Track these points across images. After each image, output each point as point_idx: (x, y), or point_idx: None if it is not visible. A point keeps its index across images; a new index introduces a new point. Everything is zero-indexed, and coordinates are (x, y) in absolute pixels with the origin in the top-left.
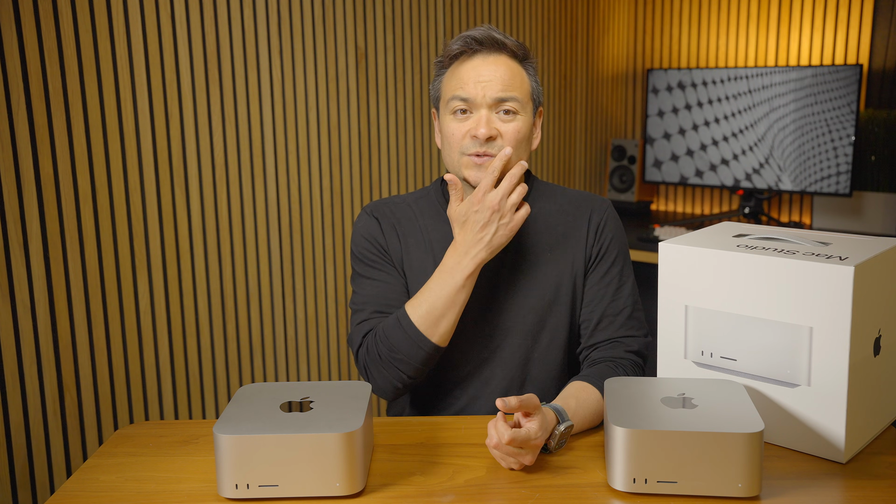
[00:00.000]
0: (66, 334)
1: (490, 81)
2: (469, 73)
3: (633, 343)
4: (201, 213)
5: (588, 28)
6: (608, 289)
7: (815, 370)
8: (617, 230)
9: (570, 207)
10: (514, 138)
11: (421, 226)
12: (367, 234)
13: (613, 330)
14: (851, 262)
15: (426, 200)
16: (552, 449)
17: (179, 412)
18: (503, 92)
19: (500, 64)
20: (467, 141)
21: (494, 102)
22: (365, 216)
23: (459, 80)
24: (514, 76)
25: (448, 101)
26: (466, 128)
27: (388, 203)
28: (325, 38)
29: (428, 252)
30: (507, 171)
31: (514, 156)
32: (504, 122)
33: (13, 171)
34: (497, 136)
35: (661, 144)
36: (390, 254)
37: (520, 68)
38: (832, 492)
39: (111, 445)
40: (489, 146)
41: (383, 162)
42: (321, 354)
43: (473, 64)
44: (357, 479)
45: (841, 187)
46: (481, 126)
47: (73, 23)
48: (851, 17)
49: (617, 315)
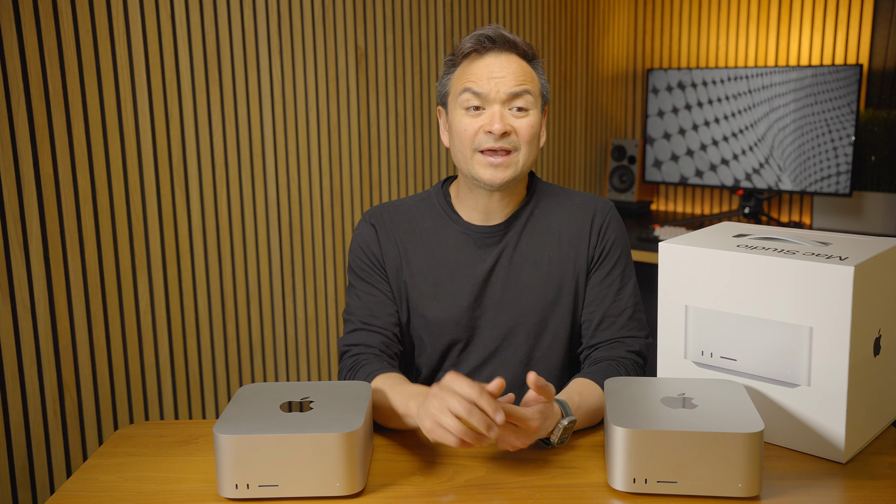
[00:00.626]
0: (66, 334)
1: (503, 77)
2: (482, 69)
3: (634, 343)
4: (201, 213)
5: (588, 28)
6: (610, 289)
7: (815, 370)
8: (619, 232)
9: (573, 208)
10: (528, 133)
11: (421, 230)
12: (362, 244)
13: (615, 330)
14: (851, 262)
15: (427, 203)
16: (554, 443)
17: (179, 412)
18: (516, 87)
19: (512, 61)
20: (481, 136)
21: (508, 98)
22: (363, 224)
23: (472, 76)
24: (525, 73)
25: (458, 96)
26: (479, 123)
27: (388, 208)
28: (325, 38)
29: (428, 256)
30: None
31: (530, 149)
32: (517, 119)
33: (13, 171)
34: (511, 132)
35: (661, 144)
36: (385, 264)
37: (529, 67)
38: (832, 492)
39: (111, 445)
40: (504, 141)
41: (383, 162)
42: (321, 354)
43: (486, 61)
44: (357, 479)
45: (841, 187)
46: (496, 121)
47: (73, 23)
48: (851, 17)
49: (618, 316)
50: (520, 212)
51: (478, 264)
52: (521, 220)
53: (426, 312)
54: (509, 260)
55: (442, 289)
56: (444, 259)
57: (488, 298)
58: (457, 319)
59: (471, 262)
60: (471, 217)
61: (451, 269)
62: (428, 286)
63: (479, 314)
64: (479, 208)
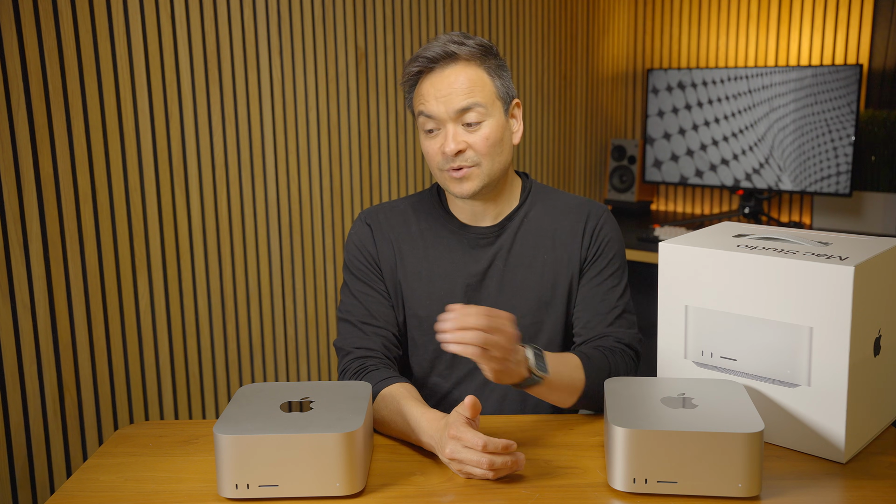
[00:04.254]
0: (66, 334)
1: (448, 95)
2: (428, 89)
3: (623, 336)
4: (201, 213)
5: (588, 28)
6: (599, 289)
7: (815, 370)
8: (613, 234)
9: (567, 211)
10: (484, 146)
11: (416, 230)
12: (358, 243)
13: (603, 327)
14: (851, 262)
15: (422, 204)
16: (536, 372)
17: (179, 412)
18: (462, 101)
19: (458, 74)
20: (440, 158)
21: (457, 114)
22: (358, 224)
23: (421, 98)
24: (472, 83)
25: (418, 118)
26: (437, 145)
27: (383, 208)
28: (325, 38)
29: (423, 256)
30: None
31: (493, 157)
32: (471, 133)
33: (13, 171)
34: (466, 148)
35: (661, 144)
36: (380, 263)
37: (479, 71)
38: (832, 492)
39: (111, 445)
40: (460, 159)
41: (383, 162)
42: (321, 354)
43: (431, 80)
44: (357, 479)
45: (841, 187)
46: (449, 142)
47: (73, 23)
48: (851, 17)
49: (607, 314)
50: (514, 214)
51: (472, 265)
52: (515, 221)
53: (420, 312)
54: (504, 261)
55: (436, 289)
56: (438, 259)
57: (483, 300)
58: None
59: (465, 263)
60: (464, 218)
61: (445, 270)
62: (422, 286)
63: None
64: (465, 212)
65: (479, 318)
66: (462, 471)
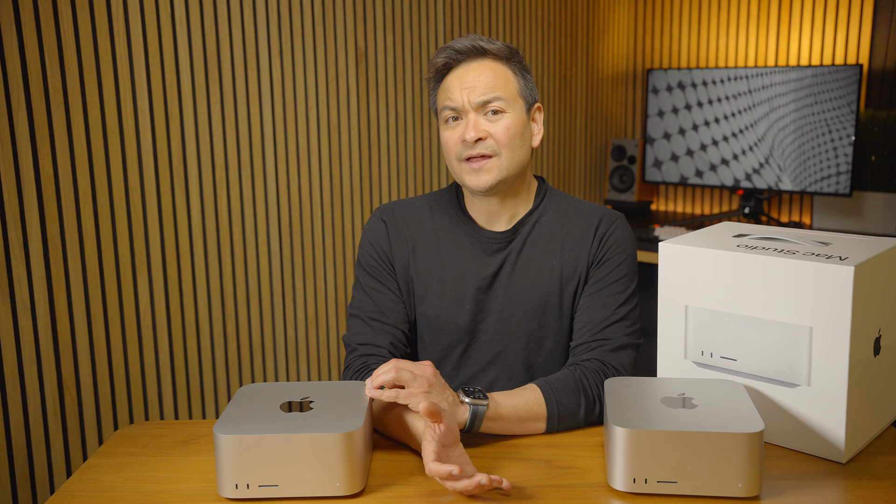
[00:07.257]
0: (66, 334)
1: (473, 87)
2: (454, 81)
3: (607, 347)
4: (201, 213)
5: (588, 28)
6: (600, 295)
7: (815, 370)
8: (623, 242)
9: (579, 218)
10: (504, 136)
11: (432, 229)
12: (372, 240)
13: (593, 333)
14: (851, 262)
15: (440, 202)
16: (465, 400)
17: (179, 412)
18: (486, 94)
19: (484, 68)
20: (460, 146)
21: (480, 105)
22: (374, 220)
23: (447, 91)
24: (497, 78)
25: (441, 112)
26: (457, 133)
27: (400, 205)
28: (325, 38)
29: (436, 255)
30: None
31: (512, 150)
32: (492, 123)
33: (13, 171)
34: (486, 137)
35: (661, 144)
36: (394, 260)
37: (504, 69)
38: (832, 492)
39: (111, 445)
40: (480, 147)
41: (383, 162)
42: (321, 354)
43: (458, 73)
44: (357, 479)
45: (841, 187)
46: (469, 129)
47: (73, 23)
48: (851, 17)
49: (601, 321)
50: (526, 218)
51: (483, 269)
52: (526, 226)
53: (429, 312)
54: (513, 266)
55: (447, 290)
56: (451, 260)
57: (491, 303)
58: (458, 321)
59: (476, 267)
60: (479, 220)
61: (457, 272)
62: (433, 286)
63: (481, 318)
64: (482, 212)
65: (388, 369)
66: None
